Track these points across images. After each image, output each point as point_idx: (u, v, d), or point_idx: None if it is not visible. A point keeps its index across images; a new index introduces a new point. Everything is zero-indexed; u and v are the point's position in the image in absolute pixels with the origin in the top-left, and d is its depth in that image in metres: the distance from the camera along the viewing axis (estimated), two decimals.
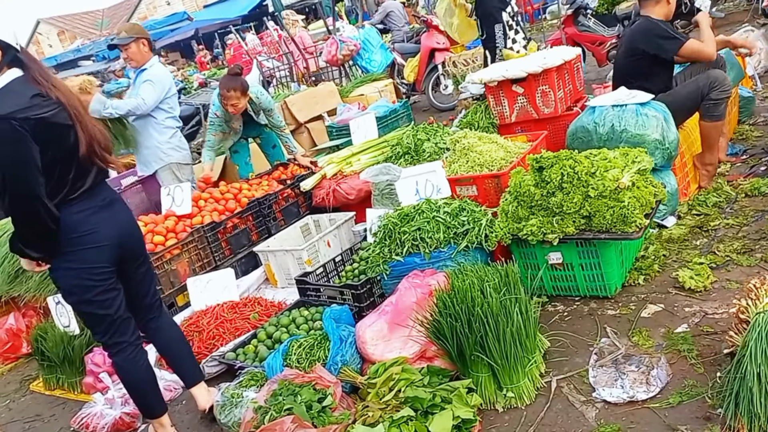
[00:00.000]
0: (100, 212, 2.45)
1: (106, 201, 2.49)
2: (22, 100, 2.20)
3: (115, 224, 2.49)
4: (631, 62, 3.66)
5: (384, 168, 3.87)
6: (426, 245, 2.98)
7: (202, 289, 3.75)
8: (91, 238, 2.43)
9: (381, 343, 2.68)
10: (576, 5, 7.76)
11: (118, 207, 2.56)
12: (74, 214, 2.39)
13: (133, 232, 2.62)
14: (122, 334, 2.63)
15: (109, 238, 2.46)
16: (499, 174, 3.29)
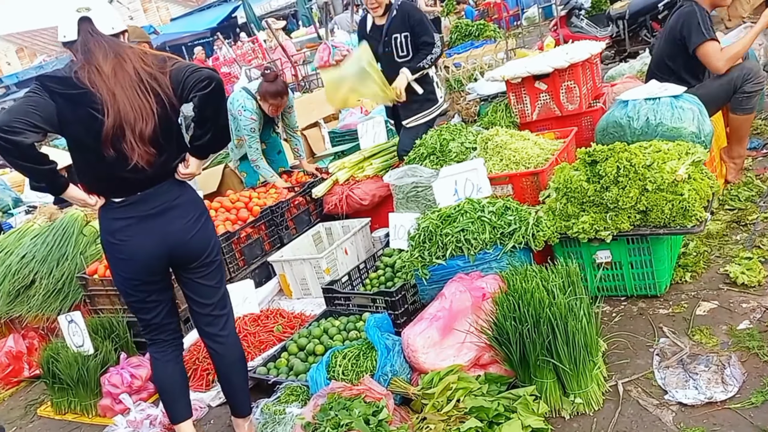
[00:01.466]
0: (142, 222, 2.31)
1: (157, 209, 2.32)
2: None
3: (155, 236, 2.31)
4: (670, 47, 3.59)
5: (409, 170, 3.74)
6: (471, 247, 2.85)
7: None
8: (121, 248, 2.34)
9: (433, 351, 2.53)
10: (570, 6, 7.77)
11: (172, 215, 2.35)
12: (115, 219, 2.33)
13: (186, 241, 2.38)
14: (158, 333, 2.57)
15: (143, 251, 2.32)
16: (538, 171, 3.17)
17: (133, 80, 2.16)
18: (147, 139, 2.18)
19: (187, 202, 2.40)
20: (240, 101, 4.72)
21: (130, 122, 2.15)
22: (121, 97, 2.14)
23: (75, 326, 3.27)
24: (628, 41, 7.30)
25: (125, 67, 2.17)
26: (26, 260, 4.00)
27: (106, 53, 2.19)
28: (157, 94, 2.19)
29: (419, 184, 3.69)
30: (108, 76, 2.15)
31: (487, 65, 7.39)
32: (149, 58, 2.24)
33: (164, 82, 2.20)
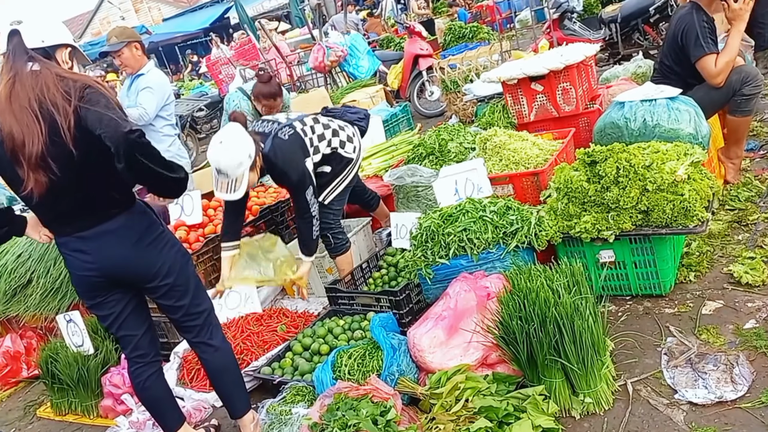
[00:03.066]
0: (78, 241, 2.27)
1: (91, 232, 2.25)
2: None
3: (89, 256, 2.27)
4: (674, 53, 3.61)
5: (409, 170, 3.74)
6: (474, 246, 2.85)
7: (224, 301, 3.53)
8: (66, 263, 2.37)
9: (439, 351, 2.53)
10: (562, 9, 7.80)
11: (107, 240, 2.27)
12: (57, 235, 2.34)
13: (123, 267, 2.32)
14: (123, 347, 2.58)
15: (78, 266, 2.31)
16: (539, 171, 3.19)
17: (22, 105, 2.06)
18: (37, 165, 2.07)
19: (124, 227, 2.29)
20: (235, 101, 4.71)
21: (19, 146, 2.07)
22: (10, 122, 2.06)
23: (74, 326, 3.24)
24: (621, 44, 7.34)
25: (18, 91, 2.08)
26: (22, 259, 3.96)
27: (6, 74, 2.13)
28: (52, 121, 2.05)
29: (419, 184, 3.69)
30: (1, 101, 2.09)
31: (482, 67, 7.41)
32: (57, 85, 2.08)
33: (65, 112, 2.05)
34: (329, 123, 3.48)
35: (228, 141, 2.88)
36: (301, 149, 3.24)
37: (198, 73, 21.51)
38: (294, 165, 3.16)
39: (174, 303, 2.48)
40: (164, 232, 2.44)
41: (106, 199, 2.26)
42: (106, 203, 2.26)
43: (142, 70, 4.32)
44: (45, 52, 2.19)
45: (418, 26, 8.80)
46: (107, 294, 2.40)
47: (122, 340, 2.53)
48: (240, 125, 2.98)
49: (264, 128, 3.26)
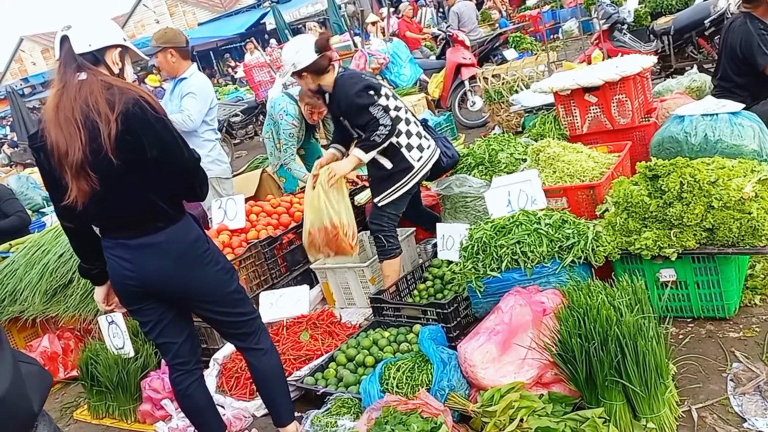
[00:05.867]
0: (120, 248, 2.27)
1: (135, 242, 2.24)
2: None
3: (130, 265, 2.26)
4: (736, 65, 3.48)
5: (457, 179, 3.66)
6: (527, 260, 2.75)
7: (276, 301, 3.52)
8: (108, 266, 2.35)
9: (492, 367, 2.43)
10: (612, 20, 7.64)
11: (150, 252, 2.25)
12: (103, 239, 2.34)
13: (161, 283, 2.29)
14: (164, 354, 2.55)
15: (119, 274, 2.30)
16: (595, 185, 3.07)
17: (66, 115, 2.05)
18: (78, 175, 2.06)
19: (168, 242, 2.26)
20: (282, 105, 4.69)
21: (63, 155, 2.06)
22: (55, 132, 2.06)
23: (115, 327, 3.23)
24: (673, 57, 7.15)
25: (63, 101, 2.07)
26: (64, 259, 3.98)
27: (56, 84, 2.12)
28: (93, 130, 2.04)
29: (468, 194, 3.60)
30: (49, 112, 2.08)
31: (527, 77, 7.31)
32: (102, 93, 2.07)
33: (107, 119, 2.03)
34: (414, 123, 3.51)
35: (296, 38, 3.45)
36: (373, 89, 3.31)
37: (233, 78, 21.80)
38: (358, 84, 3.29)
39: (216, 316, 2.47)
40: (209, 250, 2.38)
41: (153, 210, 2.23)
42: (152, 215, 2.23)
43: (185, 73, 4.29)
44: (93, 57, 2.18)
45: (462, 35, 8.73)
46: (146, 302, 2.37)
47: (162, 347, 2.51)
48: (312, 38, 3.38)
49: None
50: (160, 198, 2.22)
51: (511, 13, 15.81)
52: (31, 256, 4.12)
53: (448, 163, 3.70)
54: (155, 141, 2.11)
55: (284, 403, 2.61)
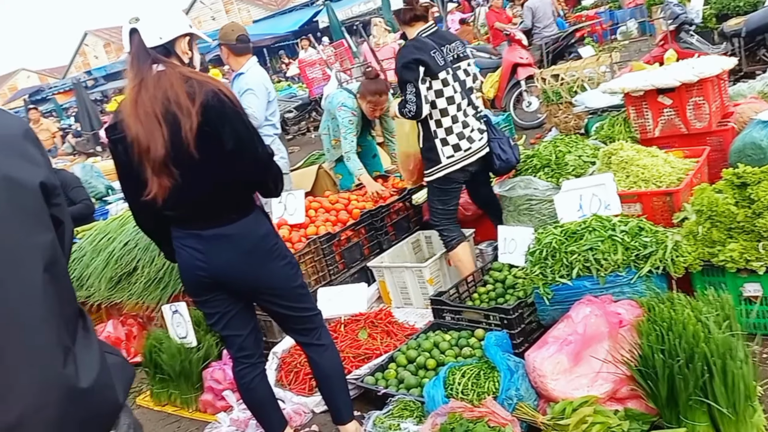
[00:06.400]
0: (193, 238, 2.26)
1: (209, 233, 2.24)
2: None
3: (203, 255, 2.26)
4: None
5: (522, 181, 3.56)
6: (600, 268, 2.64)
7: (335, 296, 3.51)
8: (178, 256, 2.34)
9: (563, 378, 2.34)
10: (679, 21, 7.36)
11: (223, 244, 2.25)
12: (174, 229, 2.32)
13: (232, 275, 2.30)
14: (228, 347, 2.55)
15: (191, 264, 2.29)
16: (673, 191, 2.94)
17: (146, 110, 2.04)
18: (160, 170, 2.07)
19: (241, 234, 2.26)
20: (340, 99, 4.68)
21: (144, 151, 2.05)
22: (136, 127, 2.05)
23: (179, 317, 3.28)
24: (744, 60, 6.83)
25: (142, 95, 2.06)
26: (129, 247, 4.06)
27: (132, 78, 2.11)
28: (174, 124, 2.04)
29: (533, 197, 3.50)
30: (127, 106, 2.07)
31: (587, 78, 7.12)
32: (182, 86, 2.06)
33: (188, 112, 2.03)
34: (461, 123, 3.43)
35: None
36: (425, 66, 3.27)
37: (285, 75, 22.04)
38: (411, 56, 3.29)
39: (281, 310, 2.47)
40: (277, 244, 2.40)
41: (227, 202, 2.24)
42: (226, 207, 2.24)
43: (242, 68, 4.31)
44: (164, 48, 2.17)
45: (519, 34, 8.56)
46: (214, 293, 2.38)
47: (227, 339, 2.51)
48: None
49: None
50: (235, 191, 2.23)
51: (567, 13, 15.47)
52: (98, 244, 4.23)
53: (500, 166, 3.57)
54: (232, 134, 2.11)
55: (344, 400, 2.60)
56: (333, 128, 4.77)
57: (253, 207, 2.32)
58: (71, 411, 1.12)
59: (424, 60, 3.28)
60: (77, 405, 1.13)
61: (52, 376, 1.10)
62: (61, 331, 1.13)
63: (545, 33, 8.94)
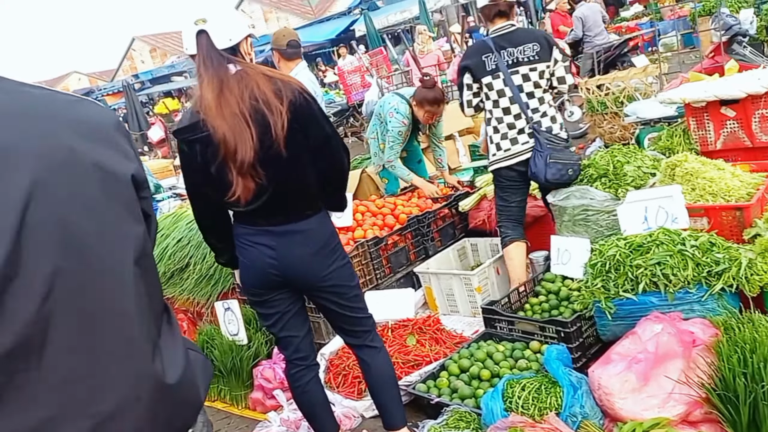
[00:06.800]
0: (263, 235, 2.23)
1: (280, 229, 2.22)
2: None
3: (273, 252, 2.23)
4: None
5: (578, 191, 3.47)
6: (669, 284, 2.55)
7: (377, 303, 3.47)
8: (243, 252, 2.29)
9: (631, 398, 2.26)
10: (732, 32, 7.18)
11: (296, 239, 2.24)
12: (241, 225, 2.28)
13: (301, 271, 2.28)
14: (284, 348, 2.52)
15: (256, 265, 2.27)
16: (744, 206, 2.83)
17: (233, 111, 2.02)
18: (246, 173, 2.06)
19: (313, 231, 2.26)
20: (392, 104, 4.64)
21: (231, 153, 2.03)
22: (222, 128, 2.02)
23: (231, 314, 3.27)
24: None
25: (226, 96, 2.03)
26: (182, 244, 4.09)
27: (210, 79, 2.07)
28: (263, 124, 2.03)
29: (590, 207, 3.41)
30: (210, 107, 2.04)
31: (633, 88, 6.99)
32: (267, 84, 2.06)
33: (278, 111, 2.03)
34: (507, 124, 3.48)
35: None
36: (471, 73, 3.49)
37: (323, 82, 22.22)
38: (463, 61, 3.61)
39: (339, 310, 2.44)
40: (339, 244, 2.41)
41: (304, 199, 2.24)
42: (303, 204, 2.24)
43: (292, 73, 4.31)
44: (231, 50, 2.16)
45: (562, 43, 8.46)
46: (277, 292, 2.36)
47: (283, 341, 2.49)
48: None
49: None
50: (313, 187, 2.23)
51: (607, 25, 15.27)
52: None
53: (531, 176, 3.53)
54: (318, 130, 2.14)
55: (397, 405, 2.55)
56: (381, 132, 4.74)
57: (322, 204, 2.30)
58: (159, 407, 1.10)
59: (470, 66, 3.52)
60: (165, 401, 1.11)
61: (143, 370, 1.08)
62: (150, 325, 1.12)
63: (596, 41, 8.75)
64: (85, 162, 1.02)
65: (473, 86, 3.51)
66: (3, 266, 0.91)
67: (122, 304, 1.05)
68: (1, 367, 0.92)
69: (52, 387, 0.96)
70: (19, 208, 0.93)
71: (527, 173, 3.53)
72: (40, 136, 0.99)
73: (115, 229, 1.06)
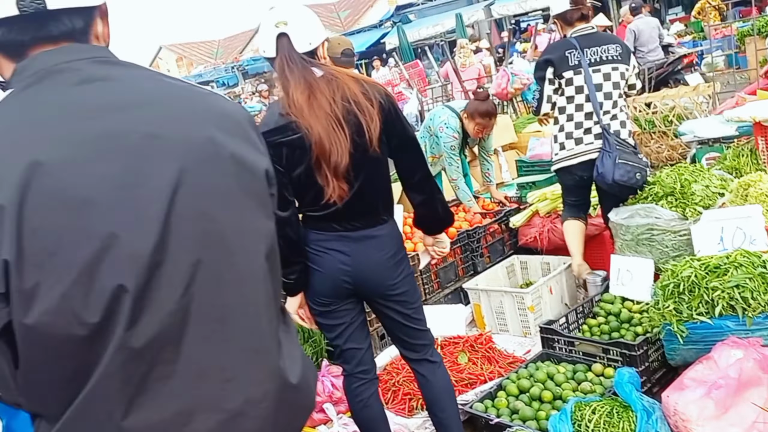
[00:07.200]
0: (339, 240, 2.17)
1: (357, 234, 2.16)
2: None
3: (347, 257, 2.16)
4: None
5: (643, 209, 3.34)
6: (748, 308, 2.41)
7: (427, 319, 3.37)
8: (316, 260, 2.21)
9: (710, 426, 2.13)
10: None
11: (371, 244, 2.18)
12: (313, 231, 2.21)
13: (373, 277, 2.22)
14: (347, 362, 2.42)
15: (328, 272, 2.20)
16: None
17: (326, 112, 1.99)
18: (341, 175, 2.02)
19: (388, 236, 2.22)
20: (443, 118, 4.59)
21: (326, 156, 1.99)
22: (317, 129, 1.98)
23: None
24: None
25: (317, 97, 2.00)
26: None
27: (298, 81, 2.03)
28: (356, 125, 2.00)
29: (655, 227, 3.28)
30: (302, 109, 2.00)
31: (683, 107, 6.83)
32: (357, 86, 2.04)
33: (370, 114, 2.00)
34: (575, 123, 3.46)
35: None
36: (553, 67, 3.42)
37: None
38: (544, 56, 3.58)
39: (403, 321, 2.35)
40: (406, 251, 2.35)
41: (384, 203, 2.20)
42: (382, 208, 2.19)
43: None
44: (310, 54, 2.13)
45: None
46: (345, 302, 2.29)
47: (347, 353, 2.40)
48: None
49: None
50: (391, 190, 2.21)
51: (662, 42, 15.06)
52: None
53: (596, 178, 3.47)
54: (402, 135, 2.11)
55: (456, 423, 2.45)
56: (431, 145, 4.67)
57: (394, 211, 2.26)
58: (283, 407, 1.07)
59: (552, 59, 3.45)
60: (288, 401, 1.08)
61: (271, 367, 1.06)
62: (275, 321, 1.10)
63: (649, 57, 8.57)
64: (223, 154, 1.01)
65: (555, 81, 3.45)
66: (153, 253, 0.90)
67: (254, 299, 1.04)
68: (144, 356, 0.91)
69: (187, 379, 0.95)
70: (168, 195, 0.93)
71: (587, 176, 3.51)
72: (185, 125, 0.99)
73: (250, 224, 1.04)
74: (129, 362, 0.91)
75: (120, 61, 1.03)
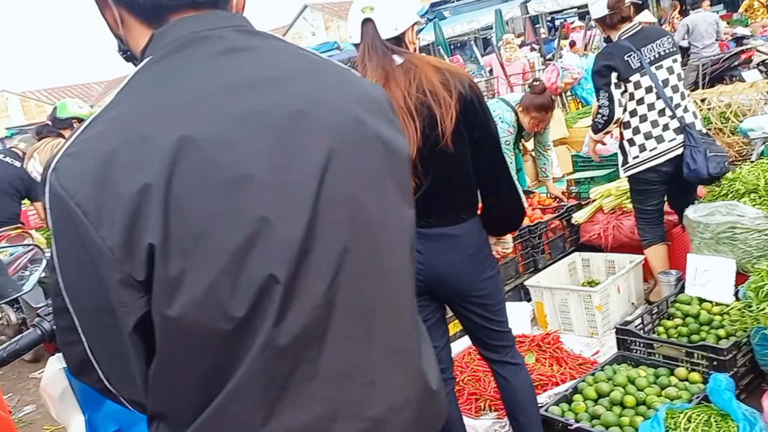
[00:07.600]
0: (427, 241, 2.04)
1: (430, 233, 2.04)
2: None
3: (418, 258, 1.96)
4: None
5: (724, 206, 3.17)
6: None
7: None
8: None
9: None
10: None
11: (448, 244, 2.07)
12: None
13: (450, 279, 2.11)
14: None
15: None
16: None
17: (399, 104, 1.87)
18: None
19: (467, 235, 2.08)
20: (497, 112, 4.45)
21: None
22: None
23: None
24: None
25: (392, 88, 1.89)
26: None
27: (374, 70, 1.94)
28: (429, 117, 1.88)
29: (738, 225, 3.11)
30: None
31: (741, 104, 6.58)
32: (436, 75, 1.90)
33: (446, 104, 1.88)
34: (650, 122, 3.31)
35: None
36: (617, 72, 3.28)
37: None
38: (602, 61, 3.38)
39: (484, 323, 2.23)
40: (491, 252, 2.21)
41: (462, 200, 2.06)
42: (460, 205, 2.06)
43: None
44: (397, 39, 2.02)
45: None
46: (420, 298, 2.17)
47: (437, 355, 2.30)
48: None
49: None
50: (474, 188, 2.05)
51: None
52: None
53: (688, 175, 3.31)
54: (482, 127, 1.96)
55: (536, 426, 2.33)
56: None
57: (478, 206, 2.12)
58: (424, 416, 0.96)
59: (614, 66, 3.30)
60: (428, 409, 0.97)
61: (414, 371, 0.95)
62: (416, 320, 0.99)
63: (704, 53, 8.26)
64: (369, 134, 0.91)
65: (621, 85, 3.30)
66: (303, 239, 0.80)
67: (398, 295, 0.93)
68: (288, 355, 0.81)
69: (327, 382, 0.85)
70: (318, 177, 0.83)
71: (669, 174, 3.36)
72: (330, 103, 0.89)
73: (395, 212, 0.94)
74: (274, 361, 0.81)
75: (258, 31, 0.94)
